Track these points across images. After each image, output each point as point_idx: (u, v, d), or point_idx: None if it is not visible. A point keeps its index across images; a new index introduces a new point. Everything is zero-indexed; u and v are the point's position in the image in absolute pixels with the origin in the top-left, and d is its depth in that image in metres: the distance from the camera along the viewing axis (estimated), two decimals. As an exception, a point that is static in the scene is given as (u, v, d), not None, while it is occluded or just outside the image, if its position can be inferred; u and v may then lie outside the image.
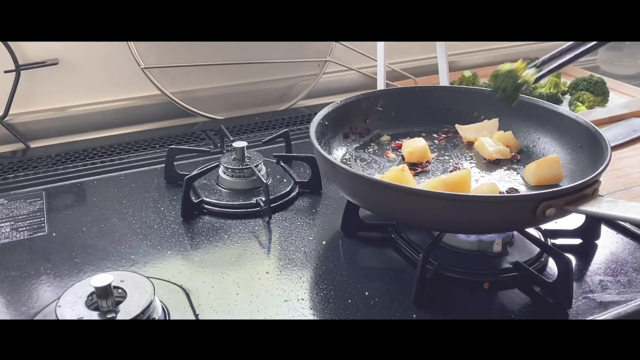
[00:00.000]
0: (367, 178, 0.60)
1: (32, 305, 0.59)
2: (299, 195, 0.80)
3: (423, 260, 0.59)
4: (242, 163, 0.80)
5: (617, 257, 0.67)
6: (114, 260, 0.66)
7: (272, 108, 1.18)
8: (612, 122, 1.04)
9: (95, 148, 0.96)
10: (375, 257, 0.67)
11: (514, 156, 0.79)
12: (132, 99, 1.08)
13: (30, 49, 0.97)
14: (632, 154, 0.93)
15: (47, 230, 0.72)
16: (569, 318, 0.57)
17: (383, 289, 0.61)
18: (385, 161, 0.79)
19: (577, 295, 0.60)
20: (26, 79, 0.98)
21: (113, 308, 0.51)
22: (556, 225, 0.70)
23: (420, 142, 0.78)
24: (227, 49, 1.11)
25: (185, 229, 0.72)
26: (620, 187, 0.83)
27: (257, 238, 0.71)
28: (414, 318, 0.57)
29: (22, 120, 1.00)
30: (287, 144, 0.91)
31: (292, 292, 0.61)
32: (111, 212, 0.76)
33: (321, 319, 0.57)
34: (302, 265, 0.65)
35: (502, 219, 0.58)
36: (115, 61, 1.04)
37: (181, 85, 1.11)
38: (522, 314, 0.58)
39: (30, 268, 0.64)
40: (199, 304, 0.59)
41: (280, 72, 1.18)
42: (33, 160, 0.92)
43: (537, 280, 0.61)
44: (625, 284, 0.62)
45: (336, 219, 0.72)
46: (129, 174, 0.87)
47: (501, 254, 0.65)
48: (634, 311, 0.58)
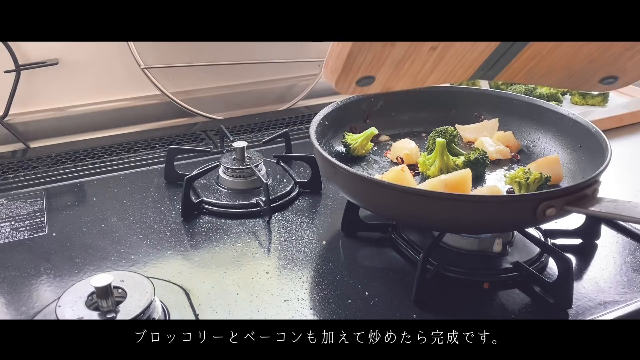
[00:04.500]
0: (367, 178, 0.60)
1: (32, 305, 0.59)
2: (299, 195, 0.80)
3: (423, 260, 0.59)
4: (242, 163, 0.80)
5: (617, 257, 0.67)
6: (114, 260, 0.66)
7: (272, 108, 1.18)
8: (612, 122, 1.04)
9: (95, 148, 0.96)
10: (375, 257, 0.67)
11: (514, 156, 0.79)
12: (132, 99, 1.08)
13: (30, 49, 0.97)
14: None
15: (47, 230, 0.72)
16: (569, 318, 0.57)
17: (383, 289, 0.61)
18: (385, 161, 0.79)
19: (577, 295, 0.60)
20: (26, 79, 0.98)
21: (113, 308, 0.51)
22: (556, 225, 0.70)
23: (410, 143, 0.78)
24: (227, 49, 1.11)
25: (185, 229, 0.72)
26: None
27: (257, 238, 0.71)
28: (414, 318, 0.57)
29: (22, 120, 1.00)
30: (287, 144, 0.91)
31: (292, 292, 0.61)
32: (111, 212, 0.76)
33: (321, 319, 0.57)
34: (302, 265, 0.65)
35: (502, 219, 0.58)
36: (115, 61, 1.04)
37: (181, 85, 1.11)
38: (522, 314, 0.58)
39: (30, 268, 0.64)
40: (199, 304, 0.59)
41: (280, 72, 1.18)
42: (33, 160, 0.92)
43: (537, 280, 0.61)
44: (625, 284, 0.62)
45: (336, 219, 0.72)
46: (129, 174, 0.87)
47: (501, 254, 0.65)
48: (634, 311, 0.58)
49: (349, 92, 0.50)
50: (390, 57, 0.47)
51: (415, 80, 0.52)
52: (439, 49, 0.48)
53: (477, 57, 0.51)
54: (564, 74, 0.55)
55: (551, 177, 0.68)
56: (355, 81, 0.49)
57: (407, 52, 0.47)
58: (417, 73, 0.51)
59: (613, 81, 0.56)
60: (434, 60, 0.49)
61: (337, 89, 0.50)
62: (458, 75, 0.53)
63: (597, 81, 0.56)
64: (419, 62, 0.49)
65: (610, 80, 0.56)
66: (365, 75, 0.49)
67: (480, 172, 0.74)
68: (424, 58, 0.49)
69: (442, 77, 0.53)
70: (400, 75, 0.50)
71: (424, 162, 0.74)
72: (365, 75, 0.49)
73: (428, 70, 0.51)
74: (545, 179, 0.67)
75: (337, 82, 0.48)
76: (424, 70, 0.51)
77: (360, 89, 0.51)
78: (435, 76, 0.52)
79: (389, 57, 0.47)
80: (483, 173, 0.74)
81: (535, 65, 0.53)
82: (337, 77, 0.48)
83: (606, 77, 0.55)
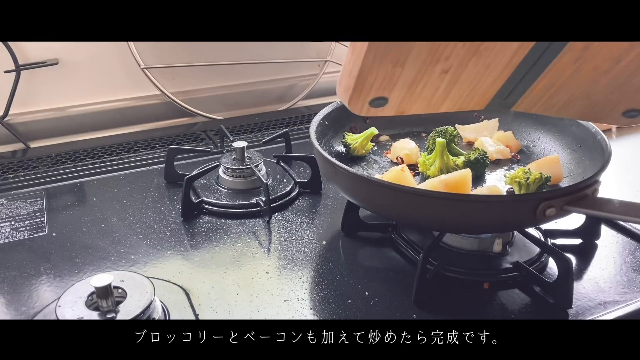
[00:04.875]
0: (367, 178, 0.60)
1: (32, 305, 0.59)
2: (299, 195, 0.80)
3: (423, 260, 0.59)
4: (242, 163, 0.80)
5: (617, 257, 0.67)
6: (114, 260, 0.66)
7: (272, 108, 1.18)
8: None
9: (95, 148, 0.96)
10: (375, 257, 0.67)
11: (514, 156, 0.79)
12: (132, 99, 1.08)
13: (30, 49, 0.97)
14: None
15: (47, 230, 0.72)
16: (569, 318, 0.57)
17: (383, 289, 0.61)
18: (385, 161, 0.79)
19: (577, 295, 0.60)
20: (26, 79, 0.98)
21: (113, 308, 0.51)
22: (556, 225, 0.70)
23: (410, 143, 0.78)
24: (227, 49, 1.11)
25: (185, 229, 0.72)
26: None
27: (257, 238, 0.71)
28: (414, 318, 0.57)
29: (22, 120, 1.00)
30: (287, 144, 0.91)
31: (292, 292, 0.61)
32: (111, 212, 0.76)
33: (321, 319, 0.57)
34: (302, 265, 0.65)
35: (502, 219, 0.58)
36: (115, 61, 1.04)
37: (181, 85, 1.11)
38: (522, 314, 0.58)
39: (30, 268, 0.64)
40: (199, 304, 0.59)
41: (280, 72, 1.18)
42: (33, 160, 0.92)
43: (537, 280, 0.61)
44: (625, 284, 0.62)
45: (336, 219, 0.72)
46: (129, 174, 0.87)
47: (501, 254, 0.65)
48: (634, 311, 0.58)
49: (362, 112, 0.50)
50: (402, 79, 0.47)
51: (430, 105, 0.52)
52: (451, 72, 0.48)
53: (492, 83, 0.51)
54: (584, 104, 0.54)
55: (551, 177, 0.68)
56: (368, 101, 0.49)
57: (418, 73, 0.47)
58: (430, 97, 0.51)
59: (636, 114, 0.55)
60: (446, 85, 0.49)
61: (351, 108, 0.50)
62: (474, 102, 0.53)
63: (620, 114, 0.55)
64: (431, 85, 0.49)
65: (633, 113, 0.55)
66: (378, 96, 0.49)
67: (480, 172, 0.74)
68: (436, 82, 0.49)
69: (457, 103, 0.52)
70: (413, 98, 0.50)
71: (424, 162, 0.74)
72: (378, 96, 0.49)
73: (441, 95, 0.51)
74: (545, 179, 0.67)
75: (350, 101, 0.48)
76: (437, 95, 0.51)
77: (374, 111, 0.51)
78: (450, 102, 0.52)
79: (400, 79, 0.47)
80: (483, 173, 0.74)
81: (554, 94, 0.53)
82: (350, 96, 0.48)
83: (630, 109, 0.54)
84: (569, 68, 0.49)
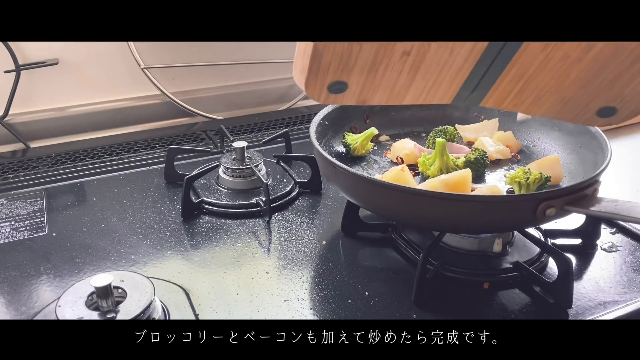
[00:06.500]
0: (367, 178, 0.60)
1: (32, 305, 0.59)
2: (299, 195, 0.80)
3: (423, 260, 0.59)
4: (242, 163, 0.80)
5: (617, 257, 0.67)
6: (114, 260, 0.66)
7: (272, 108, 1.18)
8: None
9: (95, 148, 0.96)
10: (375, 257, 0.67)
11: (514, 156, 0.79)
12: (132, 99, 1.08)
13: (30, 49, 0.97)
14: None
15: (47, 230, 0.72)
16: (569, 318, 0.57)
17: (383, 289, 0.61)
18: (385, 161, 0.79)
19: (577, 295, 0.60)
20: (26, 79, 0.98)
21: (113, 308, 0.51)
22: (556, 225, 0.70)
23: (410, 143, 0.78)
24: (227, 49, 1.11)
25: (185, 229, 0.72)
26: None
27: (257, 238, 0.71)
28: (414, 318, 0.57)
29: (22, 120, 1.00)
30: (287, 144, 0.91)
31: (292, 292, 0.61)
32: (111, 212, 0.76)
33: (321, 319, 0.57)
34: (302, 265, 0.65)
35: (502, 219, 0.58)
36: (115, 61, 1.04)
37: (181, 85, 1.11)
38: (522, 314, 0.58)
39: (30, 268, 0.64)
40: (199, 304, 0.59)
41: (280, 72, 1.18)
42: (33, 160, 0.92)
43: (537, 280, 0.61)
44: (625, 284, 0.62)
45: (336, 219, 0.72)
46: (129, 174, 0.87)
47: (501, 254, 0.65)
48: (634, 311, 0.58)
49: (321, 99, 0.47)
50: (361, 59, 0.45)
51: (392, 94, 0.50)
52: (413, 54, 0.45)
53: (457, 71, 0.48)
54: (556, 100, 0.53)
55: (551, 177, 0.68)
56: (326, 86, 0.46)
57: (377, 54, 0.45)
58: (392, 85, 0.49)
59: (612, 112, 0.54)
60: (409, 69, 0.47)
61: (308, 93, 0.47)
62: (440, 93, 0.51)
63: (595, 113, 0.54)
64: (393, 70, 0.47)
65: (608, 111, 0.54)
66: (336, 79, 0.46)
67: (480, 172, 0.74)
68: (398, 65, 0.46)
69: (422, 93, 0.50)
70: (375, 85, 0.48)
71: (423, 162, 0.74)
72: (336, 80, 0.46)
73: (405, 82, 0.49)
74: (545, 179, 0.67)
75: (307, 84, 0.46)
76: (400, 83, 0.48)
77: (333, 97, 0.48)
78: (415, 91, 0.50)
79: (359, 59, 0.45)
80: (483, 173, 0.74)
81: (524, 88, 0.51)
82: (307, 79, 0.45)
83: (604, 107, 0.54)
84: (538, 57, 0.47)
